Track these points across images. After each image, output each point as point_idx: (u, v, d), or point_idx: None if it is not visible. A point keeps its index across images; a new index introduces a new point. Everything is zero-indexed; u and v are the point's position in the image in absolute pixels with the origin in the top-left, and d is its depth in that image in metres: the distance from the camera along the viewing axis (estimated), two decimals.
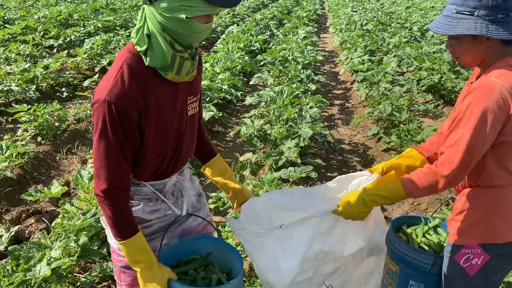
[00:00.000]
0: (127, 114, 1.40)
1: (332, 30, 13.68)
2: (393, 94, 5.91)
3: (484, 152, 1.49)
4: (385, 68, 7.26)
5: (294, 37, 9.85)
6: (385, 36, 10.64)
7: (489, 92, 1.42)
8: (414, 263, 1.82)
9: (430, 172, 1.54)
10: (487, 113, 1.41)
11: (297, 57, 7.67)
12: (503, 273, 1.68)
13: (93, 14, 12.30)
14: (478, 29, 1.45)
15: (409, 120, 5.08)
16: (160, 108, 1.48)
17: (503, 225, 1.59)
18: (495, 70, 1.49)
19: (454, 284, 1.72)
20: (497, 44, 1.51)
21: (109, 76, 1.42)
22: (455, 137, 1.48)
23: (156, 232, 1.66)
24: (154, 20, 1.39)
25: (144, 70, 1.44)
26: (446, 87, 6.45)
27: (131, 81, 1.41)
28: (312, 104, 5.35)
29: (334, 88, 7.61)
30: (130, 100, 1.40)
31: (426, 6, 20.01)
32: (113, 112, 1.38)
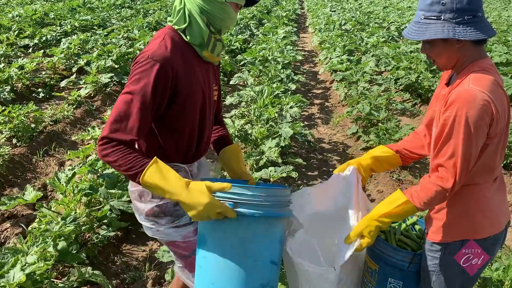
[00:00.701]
0: (166, 73, 1.50)
1: (312, 30, 13.76)
2: (371, 94, 5.99)
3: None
4: (363, 67, 7.35)
5: (274, 37, 9.87)
6: (363, 36, 10.76)
7: (471, 101, 1.45)
8: (392, 261, 1.85)
9: (436, 187, 1.56)
10: (474, 121, 1.45)
11: (277, 57, 7.69)
12: (480, 268, 1.72)
13: (69, 13, 12.06)
14: (445, 32, 1.49)
15: (387, 119, 5.15)
16: (192, 80, 1.60)
17: (481, 222, 1.64)
18: (470, 75, 1.52)
19: (433, 281, 1.75)
20: (468, 45, 1.54)
21: (152, 43, 1.56)
22: (449, 150, 1.51)
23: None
24: (193, 3, 1.57)
25: (183, 44, 1.61)
26: (423, 86, 6.56)
27: (173, 47, 1.55)
28: (292, 104, 5.37)
29: (314, 88, 7.67)
30: (171, 61, 1.52)
31: (403, 6, 20.32)
32: (152, 69, 1.47)
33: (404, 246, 1.97)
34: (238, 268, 1.50)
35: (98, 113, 5.82)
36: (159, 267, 2.96)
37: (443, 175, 1.54)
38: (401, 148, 1.94)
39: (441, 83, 1.78)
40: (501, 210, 1.69)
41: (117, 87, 6.59)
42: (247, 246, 1.50)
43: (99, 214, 2.95)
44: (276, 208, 1.52)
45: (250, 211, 1.43)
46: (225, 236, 1.49)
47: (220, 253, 1.49)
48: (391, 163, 1.95)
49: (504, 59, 8.05)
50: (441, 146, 1.54)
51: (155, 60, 1.48)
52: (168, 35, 1.58)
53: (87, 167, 3.35)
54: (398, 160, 1.94)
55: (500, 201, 1.70)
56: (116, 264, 3.00)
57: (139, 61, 1.50)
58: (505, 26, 13.72)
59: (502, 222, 1.69)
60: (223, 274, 1.50)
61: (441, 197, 1.56)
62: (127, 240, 3.29)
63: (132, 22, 11.08)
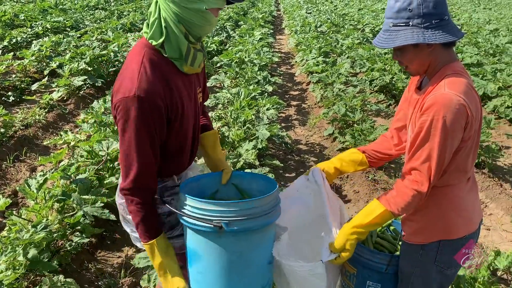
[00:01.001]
0: (158, 107, 1.42)
1: (288, 31, 13.82)
2: (347, 95, 6.05)
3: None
4: (339, 69, 7.42)
5: (250, 39, 9.88)
6: (338, 38, 10.88)
7: (448, 105, 1.46)
8: (371, 264, 1.86)
9: (412, 191, 1.56)
10: (451, 125, 1.46)
11: (254, 59, 7.69)
12: (456, 267, 1.75)
13: (41, 14, 11.78)
14: (415, 37, 1.50)
15: (362, 120, 5.21)
16: (182, 98, 1.52)
17: (457, 222, 1.66)
18: (444, 79, 1.54)
19: (412, 282, 1.77)
20: (439, 48, 1.56)
21: (131, 72, 1.43)
22: (424, 154, 1.52)
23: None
24: (170, 12, 1.43)
25: (163, 63, 1.48)
26: (397, 87, 6.67)
27: (155, 73, 1.44)
28: (269, 106, 5.37)
29: (291, 89, 7.70)
30: (159, 92, 1.42)
31: (377, 8, 20.65)
32: (145, 107, 1.39)
33: (381, 249, 1.99)
34: (240, 278, 1.52)
35: (71, 116, 5.70)
36: (134, 273, 2.91)
37: (418, 178, 1.55)
38: (369, 150, 1.95)
39: (410, 86, 1.80)
40: (474, 209, 1.72)
41: (90, 90, 6.47)
42: (247, 256, 1.50)
43: (72, 221, 2.88)
44: (271, 213, 1.53)
45: (247, 226, 1.45)
46: (223, 253, 1.49)
47: (219, 268, 1.49)
48: (358, 164, 1.94)
49: (475, 60, 8.26)
50: (416, 149, 1.54)
51: (143, 97, 1.38)
52: (146, 58, 1.45)
53: (60, 172, 3.27)
54: (365, 161, 1.94)
55: (473, 200, 1.73)
56: (90, 271, 2.93)
57: (126, 101, 1.39)
58: (475, 28, 14.11)
59: (476, 221, 1.72)
60: (224, 286, 1.52)
61: (418, 200, 1.57)
62: (102, 246, 3.22)
63: (106, 24, 10.91)
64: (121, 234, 3.34)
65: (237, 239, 1.46)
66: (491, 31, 13.61)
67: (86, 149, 3.73)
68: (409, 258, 1.75)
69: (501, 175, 4.48)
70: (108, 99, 5.03)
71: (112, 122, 4.33)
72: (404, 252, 1.79)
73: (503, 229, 3.54)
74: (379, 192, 3.96)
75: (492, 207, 3.87)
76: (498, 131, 5.66)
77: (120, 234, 3.35)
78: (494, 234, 3.48)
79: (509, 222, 3.63)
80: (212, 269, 1.50)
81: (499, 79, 6.55)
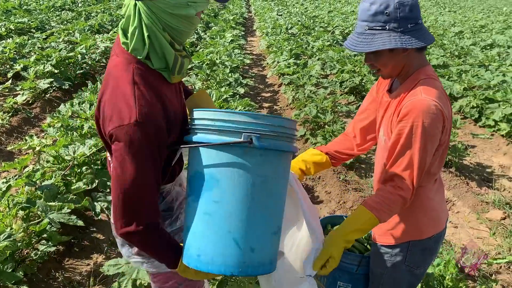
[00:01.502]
0: (162, 129, 1.26)
1: (259, 33, 13.86)
2: (318, 97, 6.10)
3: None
4: (309, 71, 7.48)
5: (221, 40, 9.84)
6: (309, 40, 10.98)
7: (425, 111, 1.46)
8: (341, 265, 1.85)
9: (397, 197, 1.53)
10: (430, 131, 1.47)
11: (225, 61, 7.66)
12: (425, 266, 1.78)
13: (4, 15, 11.41)
14: (393, 42, 1.48)
15: (333, 121, 5.26)
16: (174, 110, 1.36)
17: (426, 222, 1.68)
18: (419, 85, 1.53)
19: (383, 283, 1.79)
20: (413, 52, 1.56)
21: (124, 95, 1.23)
22: (405, 161, 1.51)
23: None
24: (153, 18, 1.25)
25: (151, 76, 1.31)
26: (366, 88, 6.78)
27: (150, 93, 1.26)
28: (241, 108, 5.36)
29: (263, 91, 7.71)
30: (159, 112, 1.26)
31: (347, 10, 20.97)
32: (148, 133, 1.22)
33: (352, 249, 2.00)
34: (260, 209, 1.31)
35: (36, 120, 5.53)
36: (104, 281, 2.84)
37: (401, 185, 1.53)
38: (331, 150, 1.92)
39: (379, 88, 1.80)
40: (441, 208, 1.75)
41: (57, 93, 6.29)
42: (270, 184, 1.32)
43: (37, 229, 2.78)
44: (294, 140, 1.39)
45: (277, 144, 1.30)
46: (247, 174, 1.28)
47: (240, 192, 1.28)
48: (321, 165, 1.91)
49: (441, 62, 8.50)
50: (397, 156, 1.53)
51: (145, 122, 1.21)
52: (136, 76, 1.27)
53: (24, 179, 3.16)
54: (328, 162, 1.91)
55: (441, 200, 1.76)
56: (57, 280, 2.84)
57: (126, 129, 1.20)
58: (441, 30, 14.51)
59: (443, 220, 1.76)
60: (242, 218, 1.28)
61: (401, 206, 1.55)
62: (70, 254, 3.12)
63: (73, 25, 10.65)
64: (90, 241, 3.26)
65: (264, 159, 1.29)
66: (456, 34, 14.04)
67: (52, 154, 3.62)
68: (380, 259, 1.77)
69: (467, 173, 4.61)
70: (75, 102, 4.90)
71: (79, 126, 4.22)
72: (374, 253, 1.80)
73: (469, 227, 3.64)
74: (351, 193, 4.00)
75: (459, 205, 3.97)
76: (464, 131, 5.83)
77: (89, 241, 3.26)
78: (461, 231, 3.57)
79: (475, 220, 3.74)
80: (232, 195, 1.28)
81: (464, 80, 6.75)
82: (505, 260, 3.13)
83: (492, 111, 5.75)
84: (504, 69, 7.70)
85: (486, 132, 5.73)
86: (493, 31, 15.24)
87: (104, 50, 8.06)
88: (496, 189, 4.29)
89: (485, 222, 3.69)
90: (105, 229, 3.41)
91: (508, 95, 5.88)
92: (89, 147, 3.55)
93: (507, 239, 3.41)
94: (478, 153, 5.18)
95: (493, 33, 14.54)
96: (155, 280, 1.64)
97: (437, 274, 2.58)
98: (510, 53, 9.72)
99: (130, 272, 2.47)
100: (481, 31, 15.41)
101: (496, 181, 4.46)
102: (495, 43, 11.51)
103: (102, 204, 3.32)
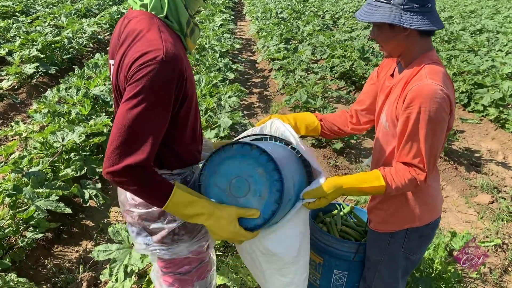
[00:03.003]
0: (183, 74, 1.26)
1: (249, 18, 13.71)
2: (308, 82, 6.07)
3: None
4: (300, 56, 7.43)
5: (210, 25, 9.71)
6: (299, 25, 10.88)
7: (432, 96, 1.43)
8: (338, 253, 1.86)
9: (410, 175, 1.52)
10: (437, 116, 1.44)
11: (215, 45, 7.57)
12: (421, 253, 1.79)
13: None
14: (391, 17, 1.46)
15: (323, 106, 5.25)
16: (190, 72, 1.36)
17: (423, 209, 1.68)
18: (425, 68, 1.50)
19: (379, 270, 1.79)
20: (415, 35, 1.52)
21: (150, 37, 1.25)
22: (414, 148, 1.49)
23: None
24: None
25: (174, 36, 1.34)
26: (357, 73, 6.76)
27: (173, 40, 1.29)
28: (231, 93, 5.31)
29: (253, 77, 7.65)
30: (182, 59, 1.26)
31: None
32: (171, 73, 1.22)
33: (347, 236, 2.00)
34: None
35: (23, 106, 5.43)
36: (94, 267, 2.82)
37: (416, 169, 1.52)
38: (327, 120, 1.90)
39: (380, 72, 1.77)
40: (438, 195, 1.75)
41: (44, 78, 6.17)
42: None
43: (24, 216, 2.74)
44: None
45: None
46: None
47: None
48: (311, 129, 1.88)
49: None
50: (405, 143, 1.51)
51: (170, 61, 1.22)
52: (161, 26, 1.30)
53: (10, 165, 3.10)
54: (318, 129, 1.89)
55: (437, 186, 1.74)
56: (46, 267, 2.82)
57: (151, 66, 1.20)
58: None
59: (440, 207, 1.76)
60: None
61: (413, 186, 1.53)
62: (59, 241, 3.09)
63: (60, 8, 10.42)
64: (79, 228, 3.23)
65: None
66: (446, 19, 14.03)
67: (39, 141, 3.56)
68: (378, 246, 1.77)
69: (456, 158, 4.65)
70: (62, 87, 4.81)
71: (67, 112, 4.15)
72: (372, 240, 1.80)
73: (458, 211, 3.68)
74: None
75: (448, 189, 4.01)
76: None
77: (78, 228, 3.23)
78: (450, 215, 3.61)
79: (464, 204, 3.78)
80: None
81: (454, 66, 6.76)
82: (492, 243, 3.17)
83: (481, 96, 5.78)
84: (493, 54, 7.72)
85: (475, 117, 5.76)
86: (482, 16, 15.27)
87: (91, 34, 7.90)
88: (484, 174, 4.34)
89: (473, 206, 3.73)
90: (94, 216, 3.38)
91: (497, 80, 5.90)
92: (78, 134, 3.49)
93: (495, 222, 3.46)
94: (467, 138, 5.21)
95: (482, 18, 14.57)
96: (169, 266, 1.58)
97: (427, 257, 2.61)
98: (499, 38, 9.76)
99: (122, 258, 2.44)
100: (470, 16, 15.43)
101: (484, 166, 4.50)
102: (484, 28, 11.53)
103: (91, 192, 3.28)
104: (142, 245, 1.52)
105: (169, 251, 1.50)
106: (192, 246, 1.52)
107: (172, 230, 1.46)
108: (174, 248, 1.50)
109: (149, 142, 1.25)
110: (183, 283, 1.58)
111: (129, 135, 1.23)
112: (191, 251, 1.52)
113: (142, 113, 1.22)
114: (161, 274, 1.59)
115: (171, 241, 1.48)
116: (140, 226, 1.50)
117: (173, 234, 1.47)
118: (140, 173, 1.26)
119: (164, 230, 1.46)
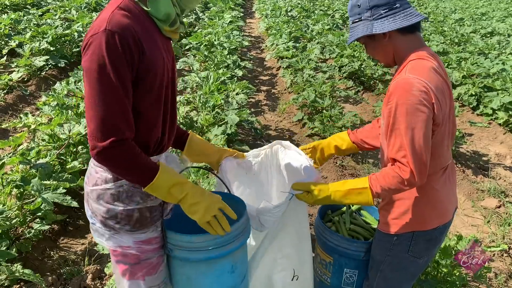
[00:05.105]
0: (130, 46, 1.26)
1: (258, 15, 13.69)
2: (316, 81, 6.05)
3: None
4: (308, 55, 7.41)
5: (220, 21, 9.71)
6: (309, 23, 10.85)
7: (409, 90, 1.45)
8: (348, 252, 1.87)
9: (393, 172, 1.53)
10: (414, 108, 1.44)
11: (223, 42, 7.57)
12: (429, 256, 1.77)
13: None
14: (364, 30, 1.57)
15: (331, 106, 5.23)
16: (157, 53, 1.36)
17: (430, 213, 1.66)
18: (407, 66, 1.54)
19: (382, 270, 1.79)
20: (396, 35, 1.58)
21: (105, 12, 1.30)
22: (397, 143, 1.49)
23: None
24: None
25: (142, 13, 1.36)
26: (365, 73, 6.73)
27: (129, 13, 1.31)
28: (239, 91, 5.31)
29: (261, 74, 7.64)
30: (132, 30, 1.27)
31: None
32: (116, 43, 1.23)
33: (356, 235, 2.00)
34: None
35: (32, 98, 5.46)
36: (99, 260, 2.84)
37: (399, 165, 1.52)
38: (358, 139, 1.98)
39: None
40: (449, 200, 1.72)
41: (53, 71, 6.21)
42: (196, 282, 1.57)
43: (31, 207, 2.76)
44: (217, 248, 1.51)
45: (186, 256, 1.54)
46: (173, 272, 1.62)
47: (175, 284, 1.65)
48: (343, 148, 2.02)
49: (440, 49, 8.43)
50: (389, 139, 1.52)
51: (115, 31, 1.22)
52: (122, 3, 1.32)
53: (18, 157, 3.12)
54: (356, 149, 2.01)
55: (449, 191, 1.72)
56: (52, 259, 2.84)
57: (95, 37, 1.23)
58: (441, 17, 14.39)
59: (450, 211, 1.73)
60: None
61: (399, 184, 1.52)
62: (65, 233, 3.12)
63: (70, 2, 10.46)
64: (85, 221, 3.24)
65: (183, 263, 1.54)
66: (456, 20, 13.93)
67: (47, 133, 3.58)
68: (381, 246, 1.76)
69: (463, 161, 4.62)
70: (71, 80, 4.83)
71: (75, 105, 4.18)
72: (377, 240, 1.80)
73: (464, 214, 3.66)
74: (347, 178, 4.00)
75: None
76: (461, 119, 5.82)
77: (83, 220, 3.25)
78: (456, 218, 3.59)
79: (470, 207, 3.75)
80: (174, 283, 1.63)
81: (464, 68, 6.71)
82: (499, 248, 3.15)
83: (491, 100, 5.73)
84: (504, 57, 7.66)
85: (483, 120, 5.72)
86: (493, 19, 15.14)
87: None
88: (491, 178, 4.31)
89: (480, 210, 3.70)
90: None
91: (507, 83, 5.85)
92: (84, 126, 3.50)
93: (501, 227, 3.43)
94: (475, 141, 5.18)
95: (493, 21, 14.45)
96: (117, 254, 1.58)
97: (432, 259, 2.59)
98: (510, 41, 9.67)
99: None
100: (481, 18, 15.30)
101: (492, 170, 4.47)
102: (495, 31, 11.44)
103: None
104: (92, 226, 1.56)
105: (112, 238, 1.51)
106: (135, 237, 1.51)
107: (114, 215, 1.46)
108: (117, 237, 1.50)
109: (117, 112, 1.27)
110: (132, 274, 1.57)
111: (97, 112, 1.26)
112: (134, 241, 1.50)
113: (99, 89, 1.25)
114: (115, 261, 1.60)
115: (113, 228, 1.48)
116: (88, 206, 1.56)
117: (115, 219, 1.46)
118: (126, 148, 1.31)
119: (103, 209, 1.47)
